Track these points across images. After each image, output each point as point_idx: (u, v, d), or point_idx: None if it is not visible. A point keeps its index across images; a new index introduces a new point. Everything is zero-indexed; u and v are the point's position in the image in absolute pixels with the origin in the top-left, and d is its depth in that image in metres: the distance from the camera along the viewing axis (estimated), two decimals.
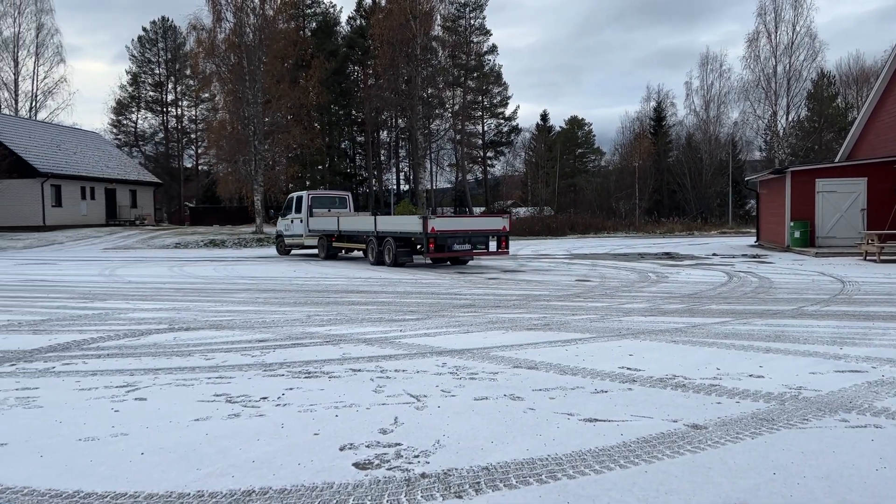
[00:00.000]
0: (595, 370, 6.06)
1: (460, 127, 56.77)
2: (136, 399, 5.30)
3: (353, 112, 59.61)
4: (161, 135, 67.65)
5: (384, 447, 4.14)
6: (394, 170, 64.68)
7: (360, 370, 6.18)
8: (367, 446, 4.16)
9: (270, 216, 46.80)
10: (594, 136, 75.49)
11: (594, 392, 5.36)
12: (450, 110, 56.60)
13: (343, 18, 63.29)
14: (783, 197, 23.08)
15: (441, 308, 10.20)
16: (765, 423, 4.54)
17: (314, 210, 23.10)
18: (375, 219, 19.47)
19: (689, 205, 54.17)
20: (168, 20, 65.29)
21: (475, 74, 59.32)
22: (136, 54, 65.98)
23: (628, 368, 6.13)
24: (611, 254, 23.37)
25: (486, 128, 64.02)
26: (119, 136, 65.97)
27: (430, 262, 18.94)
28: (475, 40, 59.59)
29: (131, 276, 16.53)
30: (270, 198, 45.34)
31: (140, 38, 65.88)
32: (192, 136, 68.25)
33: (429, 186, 55.04)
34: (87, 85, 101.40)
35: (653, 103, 62.52)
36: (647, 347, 7.11)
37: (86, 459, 4.00)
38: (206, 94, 59.53)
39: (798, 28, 45.39)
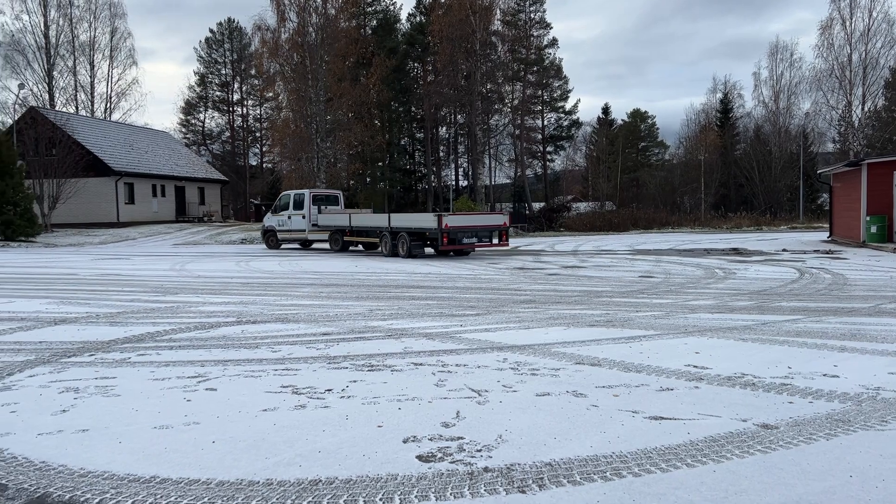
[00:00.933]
0: (660, 367, 5.94)
1: (520, 122, 56.35)
2: (206, 389, 5.48)
3: (413, 109, 59.92)
4: (227, 133, 69.63)
5: (447, 440, 4.17)
6: (453, 166, 64.79)
7: (421, 364, 6.23)
8: (430, 439, 4.19)
9: None
10: (658, 129, 74.08)
11: (659, 390, 5.26)
12: (509, 105, 56.25)
13: (403, 16, 63.69)
14: (858, 190, 22.12)
15: (501, 304, 10.18)
16: (840, 423, 4.37)
17: (321, 208, 24.94)
18: (389, 216, 21.50)
19: (758, 199, 52.48)
20: (234, 21, 67.10)
21: (535, 68, 58.69)
22: (204, 55, 68.08)
23: (695, 366, 6.00)
24: (675, 249, 22.86)
25: (545, 122, 63.35)
26: (188, 136, 68.23)
27: (434, 252, 20.96)
28: (535, 34, 58.95)
29: (200, 271, 17.07)
30: None
31: (207, 39, 67.91)
32: (257, 134, 70.08)
33: (488, 182, 54.90)
34: (159, 86, 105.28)
35: (719, 95, 60.93)
36: (715, 345, 6.93)
37: (161, 446, 4.16)
38: (270, 94, 60.98)
39: (875, 14, 43.54)
